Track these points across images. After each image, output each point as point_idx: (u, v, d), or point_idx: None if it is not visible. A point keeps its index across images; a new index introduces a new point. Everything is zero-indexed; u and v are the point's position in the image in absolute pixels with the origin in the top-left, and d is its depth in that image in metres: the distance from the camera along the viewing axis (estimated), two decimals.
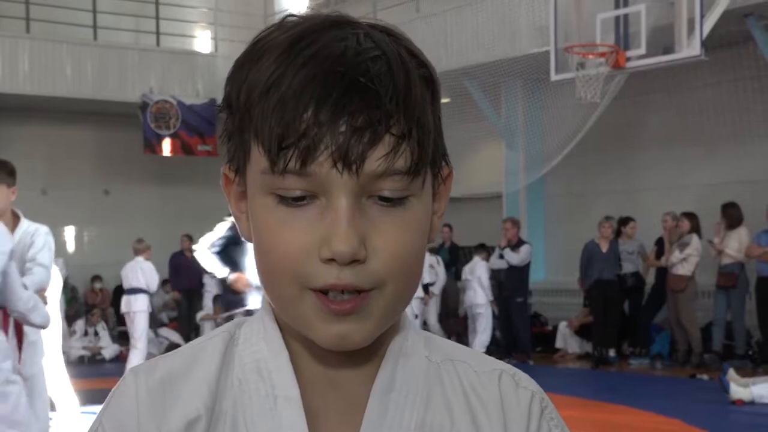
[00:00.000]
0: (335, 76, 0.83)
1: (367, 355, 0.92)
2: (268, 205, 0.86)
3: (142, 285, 11.26)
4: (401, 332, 0.95)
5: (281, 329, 0.93)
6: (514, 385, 0.97)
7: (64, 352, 13.60)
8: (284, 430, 0.89)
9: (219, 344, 0.95)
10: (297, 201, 0.85)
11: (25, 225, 6.25)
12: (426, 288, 12.82)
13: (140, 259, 11.65)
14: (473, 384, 0.96)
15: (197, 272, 12.45)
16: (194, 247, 8.83)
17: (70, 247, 17.03)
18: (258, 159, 0.86)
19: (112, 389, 0.95)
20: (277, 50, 0.86)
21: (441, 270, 13.56)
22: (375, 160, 0.83)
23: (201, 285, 13.83)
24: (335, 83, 0.83)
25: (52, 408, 8.21)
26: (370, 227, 0.84)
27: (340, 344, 0.87)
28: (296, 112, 0.82)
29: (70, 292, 15.32)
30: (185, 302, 14.81)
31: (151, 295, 11.47)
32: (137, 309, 11.01)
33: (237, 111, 0.88)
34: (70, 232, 17.13)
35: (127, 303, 11.12)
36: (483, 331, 12.40)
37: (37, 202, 16.15)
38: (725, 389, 8.88)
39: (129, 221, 16.64)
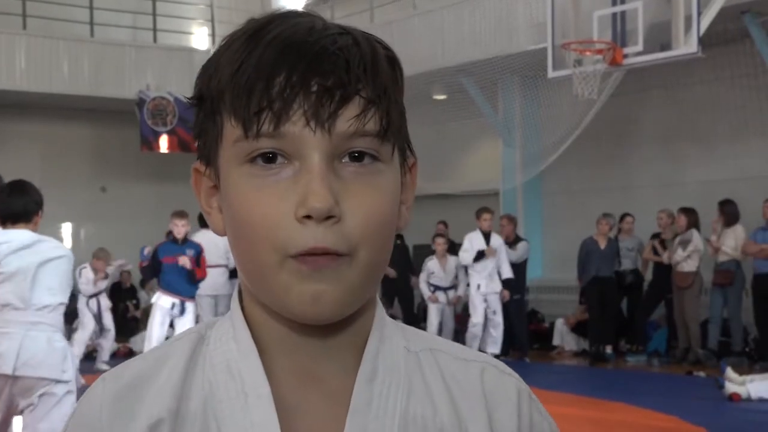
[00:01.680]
0: (305, 46, 0.86)
1: (343, 344, 0.93)
2: (242, 174, 0.88)
3: None
4: (377, 323, 0.95)
5: (255, 323, 0.93)
6: (499, 373, 0.98)
7: None
8: (256, 429, 0.89)
9: (186, 346, 0.95)
10: (270, 163, 0.87)
11: None
12: (507, 282, 11.91)
13: None
14: (454, 373, 0.97)
15: None
16: None
17: (67, 244, 17.01)
18: (231, 132, 0.88)
19: (82, 396, 0.96)
20: (244, 36, 0.89)
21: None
22: (346, 120, 0.86)
23: None
24: (305, 51, 0.86)
25: None
26: (343, 189, 0.86)
27: (314, 304, 0.87)
28: (269, 79, 0.85)
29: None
30: None
31: None
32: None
33: (208, 98, 0.90)
34: (66, 229, 17.11)
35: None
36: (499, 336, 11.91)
37: None
38: (720, 386, 8.90)
39: (126, 218, 16.63)
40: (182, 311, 9.97)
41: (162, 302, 10.06)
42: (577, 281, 12.68)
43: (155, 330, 9.95)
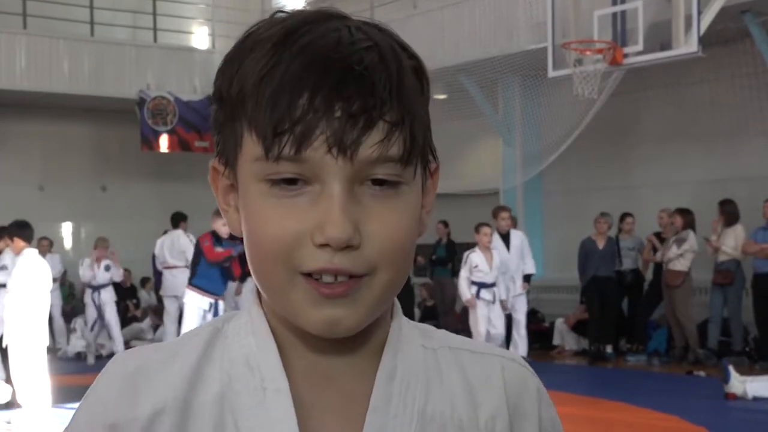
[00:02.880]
0: (330, 64, 0.84)
1: (359, 346, 0.92)
2: (261, 192, 0.87)
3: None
4: (395, 322, 0.95)
5: (272, 322, 0.93)
6: (519, 368, 0.99)
7: (59, 349, 13.69)
8: (274, 423, 0.89)
9: (202, 338, 0.95)
10: (290, 185, 0.85)
11: None
12: (528, 277, 11.48)
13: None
14: (473, 370, 0.97)
15: None
16: None
17: (67, 243, 17.01)
18: (251, 147, 0.86)
19: (97, 377, 0.96)
20: (269, 41, 0.87)
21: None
22: (369, 147, 0.84)
23: None
24: (330, 71, 0.84)
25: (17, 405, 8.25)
26: (363, 214, 0.85)
27: (330, 329, 0.87)
28: (291, 98, 0.83)
29: (67, 289, 15.32)
30: None
31: None
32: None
33: (228, 102, 0.89)
34: (67, 228, 17.11)
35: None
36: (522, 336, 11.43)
37: (34, 199, 16.14)
38: (725, 379, 8.88)
39: (126, 217, 16.63)
40: (216, 311, 10.02)
41: (200, 303, 10.04)
42: (579, 281, 12.66)
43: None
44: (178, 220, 13.49)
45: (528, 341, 12.69)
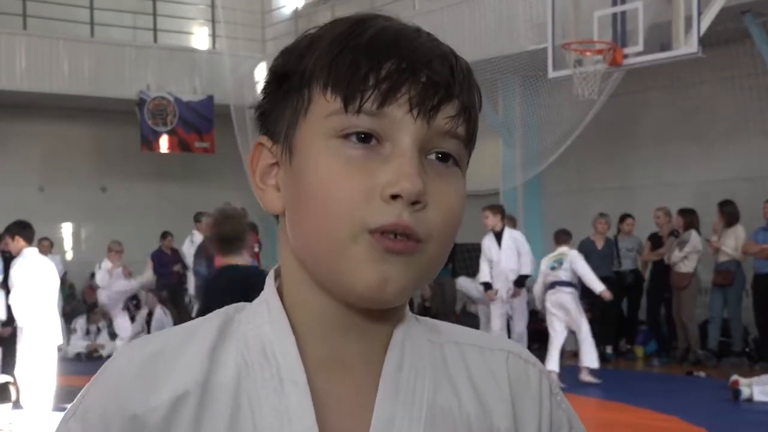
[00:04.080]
0: (414, 42, 0.90)
1: (373, 335, 0.94)
2: (329, 148, 0.88)
3: None
4: (405, 318, 0.97)
5: (290, 311, 0.94)
6: (522, 362, 1.00)
7: (60, 350, 13.67)
8: (291, 415, 0.89)
9: (215, 323, 0.95)
10: (364, 141, 0.87)
11: None
12: (521, 280, 11.02)
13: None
14: (478, 364, 0.98)
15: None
16: None
17: (68, 244, 17.02)
18: (325, 105, 0.88)
19: (105, 364, 0.94)
20: (348, 22, 0.90)
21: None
22: (444, 117, 0.89)
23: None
24: (414, 43, 0.89)
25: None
26: (428, 182, 0.88)
27: (381, 287, 0.87)
28: (379, 62, 0.87)
29: (67, 290, 15.31)
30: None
31: None
32: None
33: (297, 74, 0.91)
34: (67, 229, 17.11)
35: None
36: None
37: (34, 199, 16.14)
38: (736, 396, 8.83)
39: (126, 218, 16.63)
40: None
41: None
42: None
43: None
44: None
45: (528, 341, 12.70)
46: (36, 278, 8.19)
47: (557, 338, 10.32)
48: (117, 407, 0.90)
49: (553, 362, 10.03)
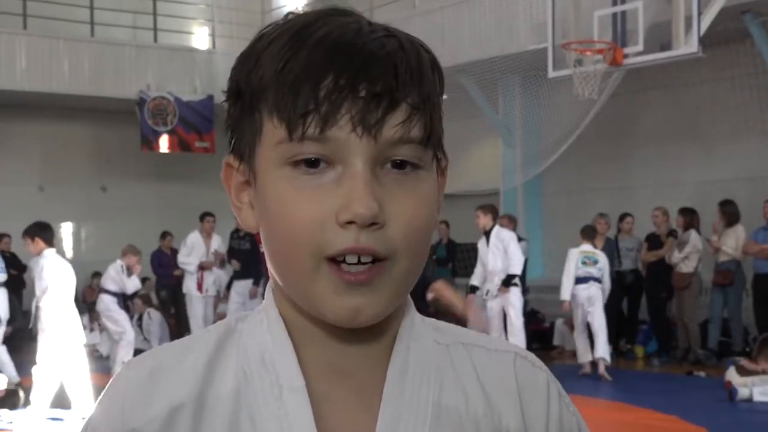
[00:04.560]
0: (353, 49, 0.86)
1: (374, 338, 0.93)
2: (283, 176, 0.87)
3: None
4: (407, 316, 0.96)
5: (289, 317, 0.94)
6: (530, 365, 1.00)
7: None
8: (291, 421, 0.89)
9: (215, 335, 0.95)
10: (313, 166, 0.86)
11: None
12: (509, 279, 10.75)
13: None
14: (485, 365, 0.97)
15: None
16: None
17: (67, 244, 17.01)
18: (273, 132, 0.87)
19: (108, 383, 0.96)
20: (288, 33, 0.88)
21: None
22: (392, 126, 0.85)
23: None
24: (353, 55, 0.85)
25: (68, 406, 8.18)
26: (385, 196, 0.86)
27: (353, 319, 0.87)
28: (317, 80, 0.84)
29: None
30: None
31: None
32: None
33: (248, 94, 0.89)
34: (67, 229, 17.10)
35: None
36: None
37: (34, 199, 16.14)
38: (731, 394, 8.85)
39: (126, 218, 16.63)
40: None
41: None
42: None
43: None
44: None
45: (528, 342, 12.69)
46: (59, 279, 8.21)
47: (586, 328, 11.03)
48: (120, 424, 0.92)
49: (602, 349, 10.78)
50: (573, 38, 11.11)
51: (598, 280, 11.00)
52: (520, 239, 12.47)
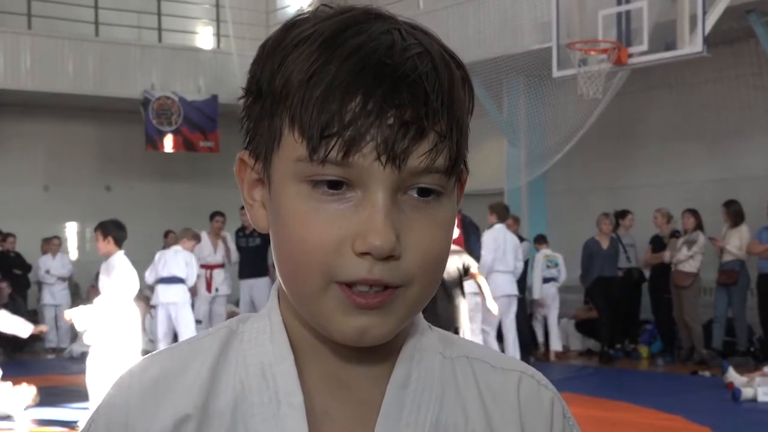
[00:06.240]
0: (383, 69, 0.82)
1: (378, 353, 0.91)
2: (300, 193, 0.84)
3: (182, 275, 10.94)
4: (417, 330, 0.94)
5: (293, 327, 0.92)
6: (536, 385, 0.97)
7: (64, 349, 13.70)
8: None
9: (216, 341, 0.94)
10: (333, 188, 0.83)
11: None
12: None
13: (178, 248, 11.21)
14: (489, 382, 0.95)
15: None
16: None
17: (72, 243, 17.03)
18: (292, 146, 0.83)
19: (109, 389, 0.95)
20: (318, 38, 0.84)
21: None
22: (417, 157, 0.82)
23: None
24: (384, 76, 0.81)
25: None
26: (405, 224, 0.83)
27: (360, 339, 0.85)
28: (343, 101, 0.81)
29: (72, 289, 15.33)
30: None
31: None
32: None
33: (269, 96, 0.86)
34: (71, 228, 17.12)
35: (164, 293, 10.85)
36: None
37: (39, 198, 16.17)
38: (723, 371, 8.90)
39: (130, 217, 16.60)
40: None
41: None
42: (581, 283, 12.65)
43: None
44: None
45: (531, 342, 12.68)
46: (133, 283, 7.83)
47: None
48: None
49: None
50: (577, 38, 11.10)
51: (556, 280, 12.65)
52: (521, 239, 12.47)
